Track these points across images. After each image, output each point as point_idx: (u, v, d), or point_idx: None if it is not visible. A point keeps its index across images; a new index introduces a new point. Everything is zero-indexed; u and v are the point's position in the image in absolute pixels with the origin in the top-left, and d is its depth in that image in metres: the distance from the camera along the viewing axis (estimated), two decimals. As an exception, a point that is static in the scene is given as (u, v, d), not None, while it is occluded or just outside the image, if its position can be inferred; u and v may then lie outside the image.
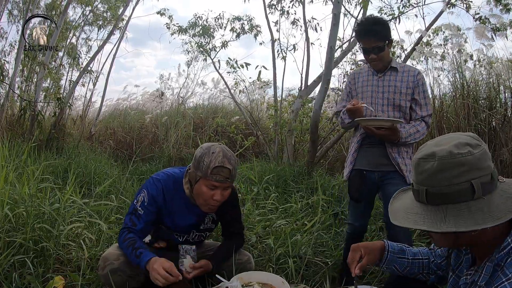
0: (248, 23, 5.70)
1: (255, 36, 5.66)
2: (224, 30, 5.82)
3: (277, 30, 5.04)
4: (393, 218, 1.00)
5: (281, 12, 4.95)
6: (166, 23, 5.99)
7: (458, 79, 3.16)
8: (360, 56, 5.83)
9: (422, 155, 0.93)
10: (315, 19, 4.89)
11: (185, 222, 1.65)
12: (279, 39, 4.98)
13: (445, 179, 0.87)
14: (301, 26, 4.94)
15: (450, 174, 0.87)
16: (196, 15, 5.89)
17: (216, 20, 5.82)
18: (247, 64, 4.91)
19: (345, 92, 2.15)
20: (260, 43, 5.61)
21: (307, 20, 4.87)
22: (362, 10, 4.60)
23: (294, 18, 5.04)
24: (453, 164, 0.87)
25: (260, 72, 4.97)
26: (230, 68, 5.21)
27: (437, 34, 5.48)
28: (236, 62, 4.97)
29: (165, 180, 1.59)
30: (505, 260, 0.87)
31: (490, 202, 0.86)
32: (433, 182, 0.89)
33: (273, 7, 4.98)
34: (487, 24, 3.90)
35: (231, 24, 5.75)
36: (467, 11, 4.02)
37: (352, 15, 4.84)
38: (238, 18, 5.73)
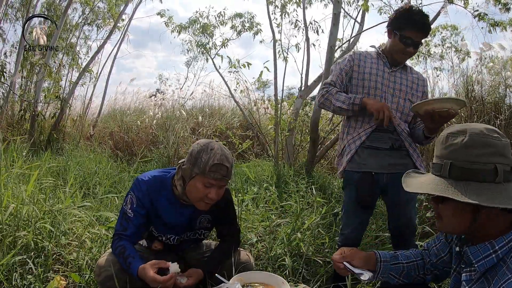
0: (248, 21, 5.69)
1: (254, 34, 5.65)
2: (224, 26, 5.82)
3: (278, 32, 5.03)
4: (407, 187, 1.01)
5: (281, 12, 4.94)
6: (165, 21, 6.01)
7: (461, 82, 3.16)
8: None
9: (453, 130, 0.96)
10: (317, 22, 4.88)
11: (175, 223, 1.62)
12: (280, 39, 4.98)
13: (473, 155, 0.90)
14: (303, 29, 4.93)
15: (478, 152, 0.90)
16: (197, 11, 5.91)
17: (217, 17, 5.82)
18: (248, 64, 4.92)
19: (340, 67, 1.83)
20: (260, 41, 5.63)
21: (307, 21, 4.86)
22: (361, 11, 4.61)
23: (296, 20, 5.04)
24: (483, 143, 0.90)
25: (261, 72, 4.98)
26: (231, 67, 5.22)
27: (434, 35, 5.47)
28: (238, 62, 4.98)
29: (151, 181, 1.56)
30: (509, 255, 0.87)
31: (508, 190, 0.89)
32: (460, 156, 0.92)
33: (273, 4, 4.96)
34: (485, 20, 3.89)
35: (232, 21, 5.75)
36: (465, 8, 3.99)
37: (351, 17, 4.84)
38: (240, 15, 5.72)
